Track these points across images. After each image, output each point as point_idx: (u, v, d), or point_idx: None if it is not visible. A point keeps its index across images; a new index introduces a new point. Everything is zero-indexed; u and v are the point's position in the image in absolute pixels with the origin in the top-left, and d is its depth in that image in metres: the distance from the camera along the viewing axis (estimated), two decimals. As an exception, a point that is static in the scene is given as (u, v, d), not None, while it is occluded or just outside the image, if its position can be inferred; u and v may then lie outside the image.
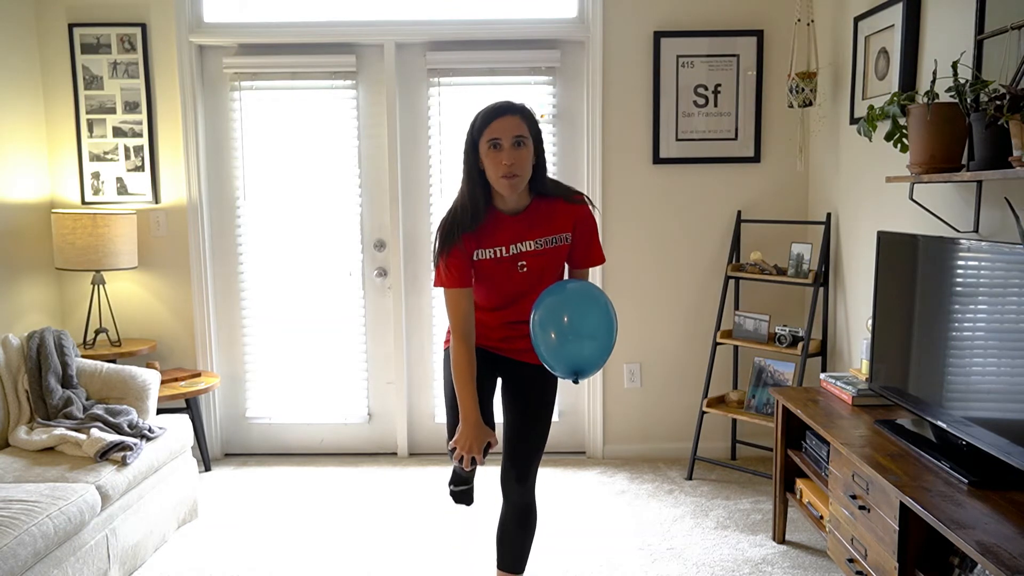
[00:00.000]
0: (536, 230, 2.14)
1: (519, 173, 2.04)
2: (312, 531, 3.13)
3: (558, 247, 2.17)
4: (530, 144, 2.07)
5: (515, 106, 2.07)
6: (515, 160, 2.02)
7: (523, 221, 2.13)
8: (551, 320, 1.99)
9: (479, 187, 2.09)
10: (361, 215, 3.89)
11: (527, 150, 2.05)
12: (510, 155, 2.02)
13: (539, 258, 2.15)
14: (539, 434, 2.24)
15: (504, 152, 2.02)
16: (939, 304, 2.21)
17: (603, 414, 3.91)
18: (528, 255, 2.14)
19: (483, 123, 2.06)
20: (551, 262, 2.18)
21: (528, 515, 2.26)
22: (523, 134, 2.04)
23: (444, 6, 3.74)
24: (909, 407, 2.36)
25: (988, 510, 1.84)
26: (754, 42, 3.67)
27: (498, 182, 2.04)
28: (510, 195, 2.08)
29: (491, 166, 2.04)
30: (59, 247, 3.56)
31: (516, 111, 2.06)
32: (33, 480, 2.59)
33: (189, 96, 3.74)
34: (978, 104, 2.20)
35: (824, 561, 2.82)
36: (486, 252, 2.13)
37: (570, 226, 2.18)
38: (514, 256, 2.13)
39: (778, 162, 3.75)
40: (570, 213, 2.17)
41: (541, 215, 2.15)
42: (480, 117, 2.08)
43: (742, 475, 3.66)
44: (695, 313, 3.85)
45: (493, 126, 2.03)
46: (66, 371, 3.09)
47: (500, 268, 2.14)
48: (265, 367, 4.00)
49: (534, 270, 2.15)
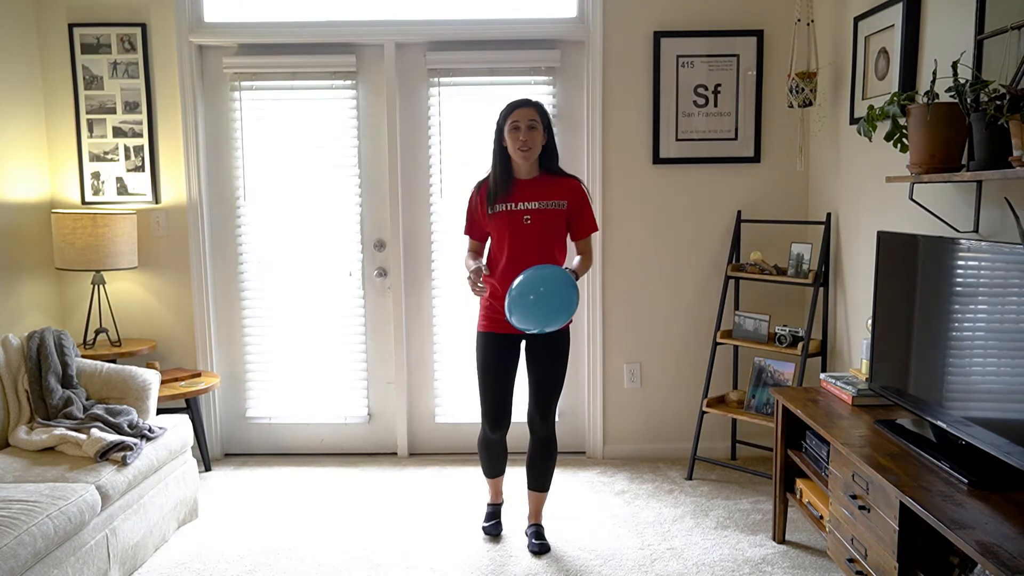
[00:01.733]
0: (540, 194, 2.83)
1: (531, 147, 2.78)
2: (312, 531, 3.13)
3: (556, 210, 2.83)
4: (541, 128, 2.80)
5: (532, 101, 2.82)
6: (528, 138, 2.76)
7: (531, 185, 2.85)
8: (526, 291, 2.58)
9: (503, 159, 2.83)
10: (361, 215, 3.89)
11: (538, 132, 2.79)
12: (525, 134, 2.76)
13: (540, 216, 2.81)
14: (557, 379, 2.90)
15: (521, 131, 2.76)
16: (939, 304, 2.21)
17: (603, 414, 3.92)
18: (532, 212, 2.81)
19: (507, 111, 2.80)
20: (550, 221, 2.82)
21: (550, 444, 2.96)
22: (535, 119, 2.78)
23: (444, 6, 3.74)
24: (909, 407, 2.36)
25: (988, 510, 1.84)
26: (754, 42, 3.67)
27: (515, 152, 2.78)
28: (523, 163, 2.81)
29: (511, 141, 2.79)
30: (59, 247, 3.56)
31: (532, 105, 2.81)
32: (33, 480, 2.59)
33: (189, 96, 3.74)
34: (978, 104, 2.20)
35: (824, 561, 2.82)
36: (501, 206, 2.82)
37: (566, 195, 2.85)
38: (520, 211, 2.81)
39: (778, 162, 3.75)
40: (567, 186, 2.87)
41: (545, 184, 2.86)
42: (506, 108, 2.81)
43: (742, 475, 3.66)
44: (695, 313, 3.85)
45: (515, 113, 2.78)
46: (66, 371, 3.10)
47: (511, 219, 2.81)
48: (265, 367, 4.00)
49: (536, 224, 2.81)
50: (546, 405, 2.90)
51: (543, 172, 2.87)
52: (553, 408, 2.92)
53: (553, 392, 2.90)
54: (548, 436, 2.95)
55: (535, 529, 3.00)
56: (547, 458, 2.97)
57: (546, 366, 2.88)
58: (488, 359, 2.89)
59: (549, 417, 2.92)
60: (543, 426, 2.93)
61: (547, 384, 2.89)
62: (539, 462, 2.98)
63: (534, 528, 3.01)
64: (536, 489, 3.01)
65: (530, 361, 2.92)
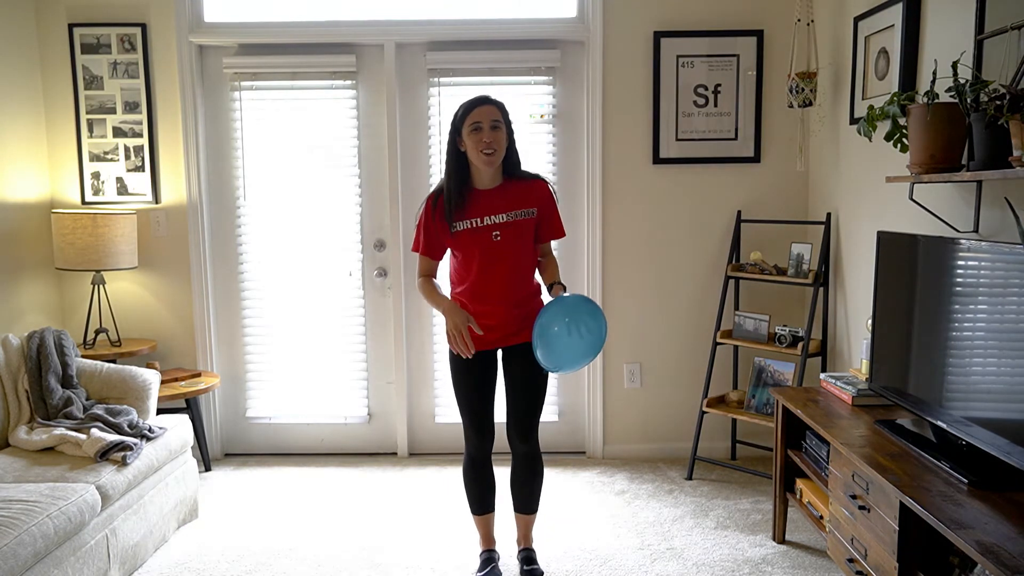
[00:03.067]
0: (507, 204, 2.53)
1: (496, 149, 2.46)
2: (312, 531, 3.13)
3: (527, 219, 2.55)
4: (504, 129, 2.49)
5: (492, 99, 2.50)
6: (493, 139, 2.44)
7: (495, 196, 2.53)
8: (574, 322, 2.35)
9: (460, 167, 2.50)
10: (361, 215, 3.89)
11: (502, 133, 2.47)
12: (489, 135, 2.43)
13: (510, 229, 2.51)
14: (535, 400, 2.63)
15: (484, 132, 2.43)
16: (939, 304, 2.21)
17: (603, 414, 3.92)
18: (500, 226, 2.50)
19: (465, 111, 2.47)
20: (522, 233, 2.54)
21: (535, 460, 2.70)
22: (499, 119, 2.47)
23: (444, 6, 3.74)
24: (909, 407, 2.36)
25: (988, 510, 1.84)
26: (754, 42, 3.67)
27: (478, 156, 2.45)
28: (487, 169, 2.49)
29: (472, 144, 2.45)
30: (59, 247, 3.56)
31: (493, 103, 2.49)
32: (33, 480, 2.59)
33: (189, 96, 3.74)
34: (978, 104, 2.20)
35: (824, 561, 2.82)
36: (464, 223, 2.50)
37: (535, 202, 2.57)
38: (488, 226, 2.50)
39: (778, 162, 3.75)
40: (534, 191, 2.58)
41: (511, 192, 2.55)
42: (463, 107, 2.49)
43: (742, 475, 3.66)
44: (695, 313, 3.85)
45: (474, 113, 2.45)
46: (66, 371, 3.10)
47: (477, 238, 2.50)
48: (265, 367, 4.00)
49: (507, 239, 2.51)
50: (527, 425, 2.63)
51: (506, 178, 2.56)
52: (535, 427, 2.66)
53: (534, 411, 2.63)
54: (533, 453, 2.68)
55: (526, 554, 2.78)
56: (532, 476, 2.71)
57: (526, 383, 2.61)
58: (466, 376, 2.60)
59: (532, 436, 2.66)
60: (526, 446, 2.67)
61: (527, 402, 2.61)
62: (524, 481, 2.71)
63: (525, 553, 2.78)
64: (523, 511, 2.76)
65: (509, 377, 2.65)
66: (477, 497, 2.76)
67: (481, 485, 2.75)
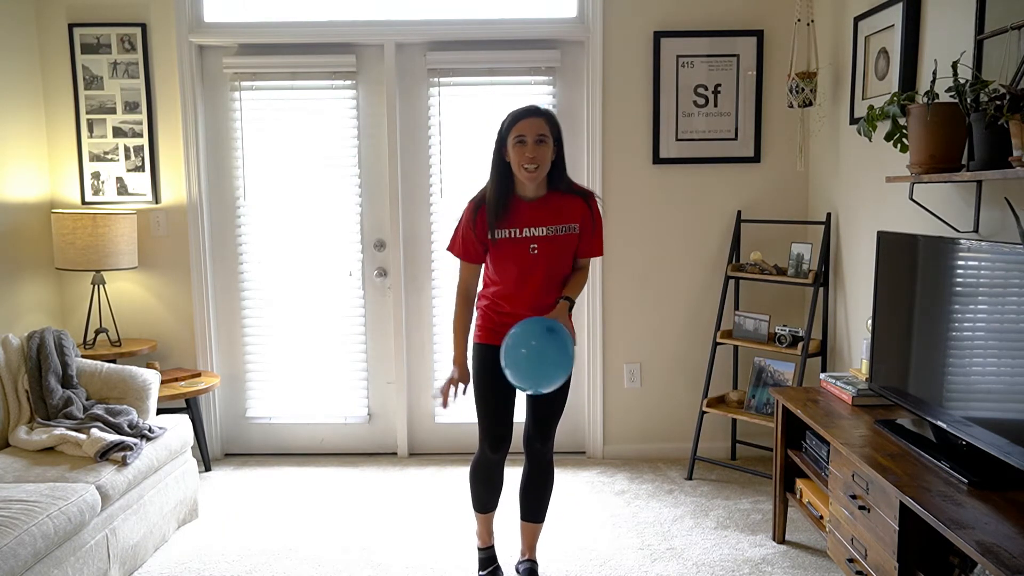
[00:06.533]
0: (549, 218, 2.46)
1: (539, 164, 2.38)
2: (312, 531, 3.13)
3: (568, 235, 2.48)
4: (550, 143, 2.41)
5: (541, 110, 2.42)
6: (536, 154, 2.36)
7: (538, 208, 2.46)
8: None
9: (503, 176, 2.44)
10: (361, 215, 3.89)
11: (547, 147, 2.39)
12: (532, 149, 2.36)
13: (549, 244, 2.46)
14: (558, 404, 2.59)
15: (528, 147, 2.36)
16: (939, 304, 2.21)
17: (603, 414, 3.91)
18: (539, 239, 2.45)
19: (511, 122, 2.40)
20: (561, 249, 2.48)
21: (548, 470, 2.67)
22: (545, 133, 2.39)
23: (444, 6, 3.74)
24: (909, 407, 2.36)
25: (988, 510, 1.84)
26: (754, 42, 3.67)
27: (520, 171, 2.39)
28: (530, 183, 2.42)
29: (515, 157, 2.38)
30: (59, 247, 3.56)
31: (541, 115, 2.41)
32: (33, 480, 2.59)
33: (189, 96, 3.74)
34: (978, 104, 2.20)
35: (824, 561, 2.82)
36: (503, 232, 2.44)
37: (579, 218, 2.49)
38: (526, 238, 2.44)
39: (778, 162, 3.75)
40: (581, 207, 2.50)
41: (554, 205, 2.47)
42: (510, 117, 2.42)
43: (742, 475, 3.66)
44: (695, 313, 3.85)
45: (520, 125, 2.37)
46: (66, 371, 3.09)
47: (515, 249, 2.45)
48: (265, 367, 4.00)
49: (544, 254, 2.45)
50: (548, 426, 2.61)
51: (552, 191, 2.48)
52: (554, 429, 2.64)
53: (555, 412, 2.60)
54: (548, 461, 2.67)
55: (529, 566, 2.70)
56: (545, 484, 2.68)
57: None
58: (487, 374, 2.53)
59: (550, 440, 2.63)
60: (543, 450, 2.63)
61: (548, 401, 2.57)
62: (536, 488, 2.67)
63: (528, 564, 2.70)
64: (531, 520, 2.70)
65: None
66: (483, 496, 2.71)
67: (489, 486, 2.69)
